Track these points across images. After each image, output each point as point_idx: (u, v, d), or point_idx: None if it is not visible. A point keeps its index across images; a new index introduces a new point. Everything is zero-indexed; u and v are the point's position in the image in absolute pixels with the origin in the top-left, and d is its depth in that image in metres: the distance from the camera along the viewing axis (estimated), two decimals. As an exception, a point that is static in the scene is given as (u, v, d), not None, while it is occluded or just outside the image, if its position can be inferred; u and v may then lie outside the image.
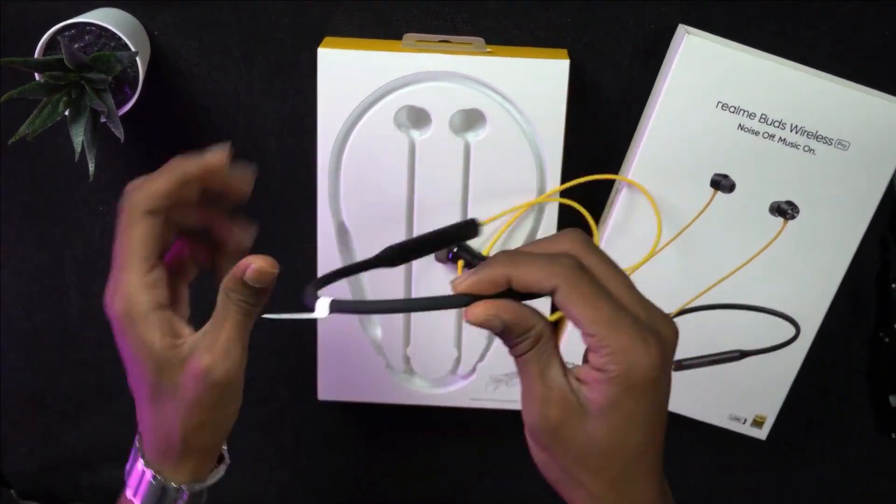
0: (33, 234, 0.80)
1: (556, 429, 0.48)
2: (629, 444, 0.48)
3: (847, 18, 0.73)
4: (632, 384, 0.46)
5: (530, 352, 0.48)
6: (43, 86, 0.64)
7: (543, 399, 0.48)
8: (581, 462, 0.49)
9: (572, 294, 0.46)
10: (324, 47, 0.71)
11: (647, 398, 0.47)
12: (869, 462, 0.86)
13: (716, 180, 0.72)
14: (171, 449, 0.58)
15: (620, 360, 0.46)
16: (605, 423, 0.47)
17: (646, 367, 0.46)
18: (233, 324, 0.55)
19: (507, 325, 0.47)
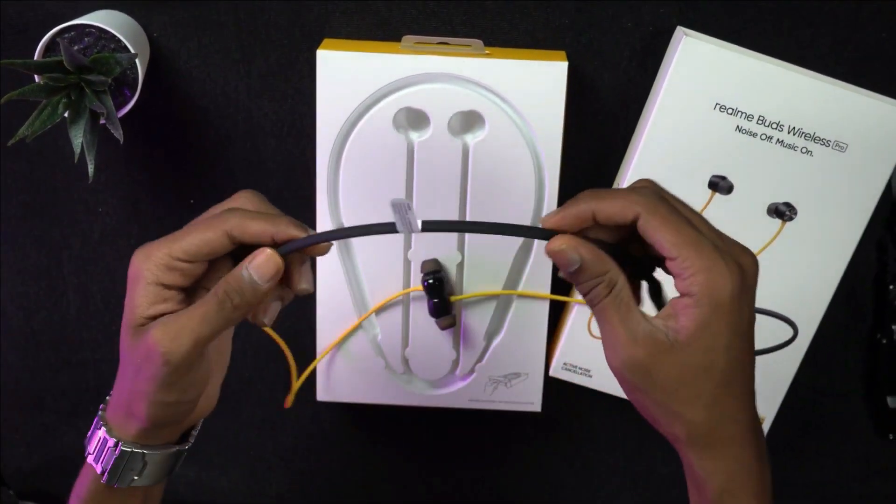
0: (32, 235, 0.80)
1: (647, 367, 0.50)
2: (719, 365, 0.50)
3: (844, 20, 0.73)
4: (717, 303, 0.49)
5: (607, 298, 0.51)
6: (42, 87, 0.64)
7: (629, 343, 0.50)
8: (675, 394, 0.51)
9: (654, 218, 0.49)
10: (323, 49, 0.71)
11: (733, 318, 0.49)
12: (866, 463, 0.86)
13: (714, 182, 0.73)
14: (119, 402, 0.57)
15: (704, 279, 0.49)
16: (696, 347, 0.49)
17: (729, 286, 0.49)
18: (203, 315, 0.54)
19: (585, 261, 0.51)
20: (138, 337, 0.54)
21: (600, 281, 0.51)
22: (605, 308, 0.51)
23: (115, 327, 0.82)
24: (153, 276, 0.54)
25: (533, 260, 0.76)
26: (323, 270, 0.76)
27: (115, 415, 0.58)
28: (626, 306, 0.51)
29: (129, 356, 0.55)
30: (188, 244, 0.54)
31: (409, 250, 0.75)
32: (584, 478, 0.88)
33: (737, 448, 0.52)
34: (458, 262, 0.76)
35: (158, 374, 0.54)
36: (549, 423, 0.85)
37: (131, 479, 0.58)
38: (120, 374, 0.57)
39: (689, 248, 0.49)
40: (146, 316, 0.54)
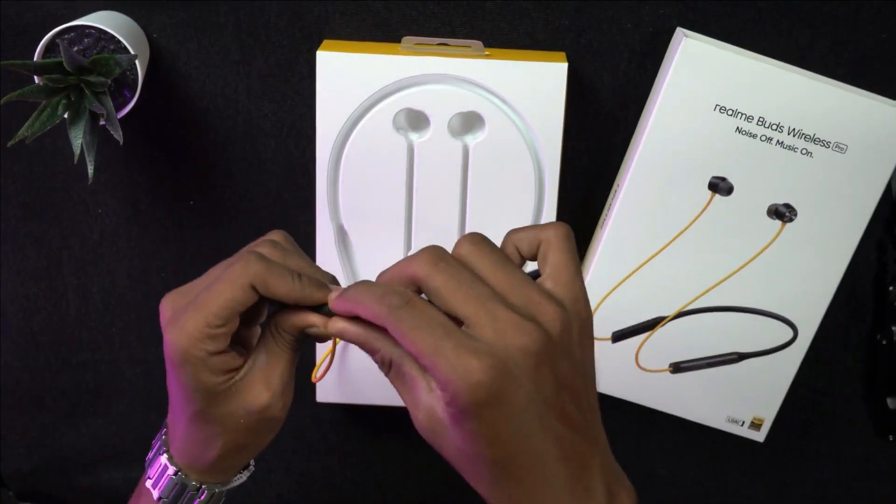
0: (32, 236, 0.80)
1: (432, 439, 0.49)
2: (492, 456, 0.47)
3: (844, 21, 0.73)
4: (462, 408, 0.45)
5: (390, 373, 0.50)
6: (42, 88, 0.64)
7: (415, 415, 0.50)
8: (462, 470, 0.50)
9: (396, 333, 0.46)
10: (322, 50, 0.71)
11: (486, 416, 0.45)
12: (866, 464, 0.86)
13: (713, 183, 0.73)
14: (206, 458, 0.58)
15: (445, 387, 0.45)
16: (460, 436, 0.47)
17: (468, 390, 0.44)
18: (287, 362, 0.55)
19: (358, 341, 0.51)
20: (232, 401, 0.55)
21: (378, 358, 0.50)
22: (394, 381, 0.51)
23: (114, 328, 0.83)
24: (205, 353, 0.53)
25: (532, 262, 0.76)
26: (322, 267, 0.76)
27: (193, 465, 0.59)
28: (405, 381, 0.49)
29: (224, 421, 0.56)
30: (220, 309, 0.52)
31: (408, 251, 0.75)
32: (584, 479, 0.88)
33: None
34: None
35: (269, 426, 0.58)
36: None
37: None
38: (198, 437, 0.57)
39: (430, 357, 0.45)
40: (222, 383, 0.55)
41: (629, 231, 0.74)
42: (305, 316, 0.54)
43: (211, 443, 0.57)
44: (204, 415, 0.56)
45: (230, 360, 0.54)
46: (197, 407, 0.55)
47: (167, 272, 0.81)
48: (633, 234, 0.75)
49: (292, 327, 0.54)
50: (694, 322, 0.76)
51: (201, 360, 0.53)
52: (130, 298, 0.82)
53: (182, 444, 0.58)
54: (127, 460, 0.88)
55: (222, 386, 0.55)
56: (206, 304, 0.52)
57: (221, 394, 0.55)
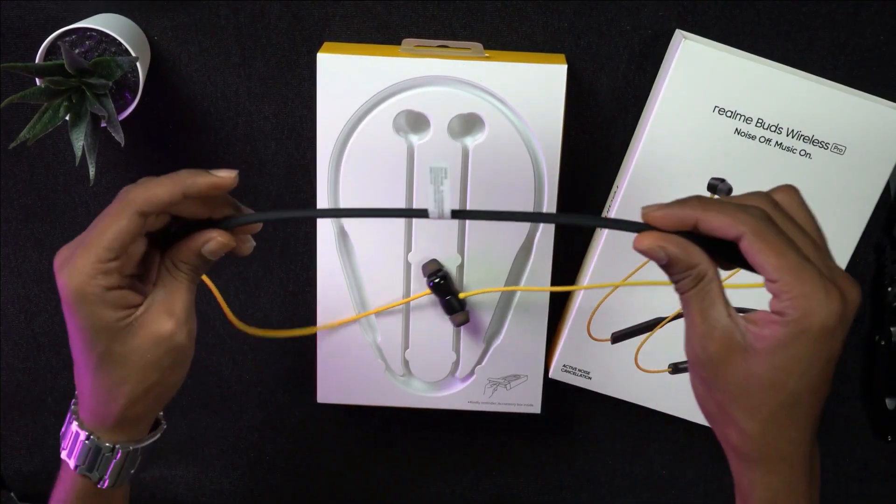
0: (34, 238, 0.81)
1: (717, 363, 0.50)
2: (787, 387, 0.50)
3: (842, 23, 0.73)
4: (805, 329, 0.48)
5: (693, 290, 0.51)
6: (44, 91, 0.64)
7: (705, 335, 0.50)
8: (737, 398, 0.51)
9: (758, 241, 0.49)
10: (323, 52, 0.71)
11: (817, 346, 0.49)
12: (865, 465, 0.87)
13: (712, 184, 0.73)
14: (111, 412, 0.58)
15: (800, 304, 0.48)
16: (769, 362, 0.49)
17: (823, 315, 0.48)
18: (187, 290, 0.56)
19: (672, 257, 0.51)
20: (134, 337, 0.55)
21: (689, 274, 0.51)
22: (689, 299, 0.51)
23: (115, 329, 0.83)
24: (99, 288, 0.54)
25: (532, 261, 0.76)
26: (323, 272, 0.76)
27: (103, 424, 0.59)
28: (710, 300, 0.51)
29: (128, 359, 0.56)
30: (108, 241, 0.53)
31: (409, 252, 0.76)
32: (584, 480, 0.89)
33: (786, 469, 0.52)
34: (458, 264, 0.76)
35: (177, 358, 0.57)
36: (548, 424, 0.85)
37: (129, 475, 0.60)
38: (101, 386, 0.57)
39: (790, 273, 0.48)
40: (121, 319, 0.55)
41: (629, 232, 0.74)
42: (199, 235, 0.55)
43: (118, 389, 0.56)
44: (108, 357, 0.55)
45: (127, 296, 0.55)
46: (100, 349, 0.55)
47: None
48: (632, 234, 0.74)
49: (188, 253, 0.55)
50: (693, 323, 0.76)
51: (97, 297, 0.54)
52: (131, 300, 0.82)
53: (90, 401, 0.58)
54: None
55: (122, 322, 0.55)
56: (96, 241, 0.53)
57: (122, 330, 0.55)
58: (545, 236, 0.75)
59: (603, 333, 0.78)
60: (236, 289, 0.82)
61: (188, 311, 0.57)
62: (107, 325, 0.55)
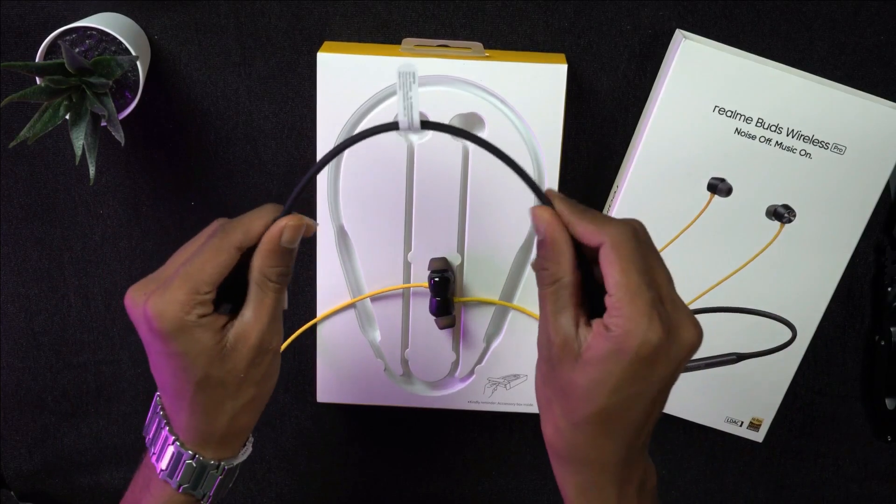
0: (34, 237, 0.81)
1: (553, 363, 0.53)
2: (599, 401, 0.52)
3: (842, 23, 0.73)
4: (622, 349, 0.50)
5: (549, 288, 0.53)
6: (44, 90, 0.64)
7: (551, 335, 0.53)
8: (559, 398, 0.54)
9: (612, 253, 0.51)
10: (323, 52, 0.71)
11: (632, 368, 0.51)
12: (865, 465, 0.87)
13: (713, 184, 0.73)
14: (214, 431, 0.60)
15: (623, 324, 0.50)
16: (588, 373, 0.52)
17: (640, 340, 0.50)
18: (273, 298, 0.58)
19: (547, 239, 0.53)
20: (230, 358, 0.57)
21: (548, 268, 0.53)
22: (544, 297, 0.54)
23: (115, 329, 0.83)
24: (195, 316, 0.56)
25: (533, 259, 0.76)
26: (323, 271, 0.76)
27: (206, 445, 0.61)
28: (562, 304, 0.53)
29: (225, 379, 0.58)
30: (209, 276, 0.56)
31: (409, 252, 0.76)
32: (584, 479, 0.88)
33: (594, 473, 0.55)
34: (457, 263, 0.76)
35: (266, 368, 0.59)
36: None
37: (226, 491, 0.63)
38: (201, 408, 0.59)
39: (626, 292, 0.50)
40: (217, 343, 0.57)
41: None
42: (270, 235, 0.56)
43: (219, 408, 0.59)
44: (206, 381, 0.57)
45: (218, 319, 0.57)
46: (199, 374, 0.57)
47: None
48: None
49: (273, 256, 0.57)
50: (693, 323, 0.76)
51: (196, 325, 0.55)
52: (131, 299, 0.82)
53: (189, 422, 0.60)
54: (128, 460, 0.88)
55: (219, 345, 0.56)
56: (194, 274, 0.55)
57: (219, 353, 0.57)
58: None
59: (603, 333, 0.78)
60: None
61: (275, 321, 0.58)
62: (205, 351, 0.56)
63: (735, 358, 0.78)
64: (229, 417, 0.59)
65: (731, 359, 0.78)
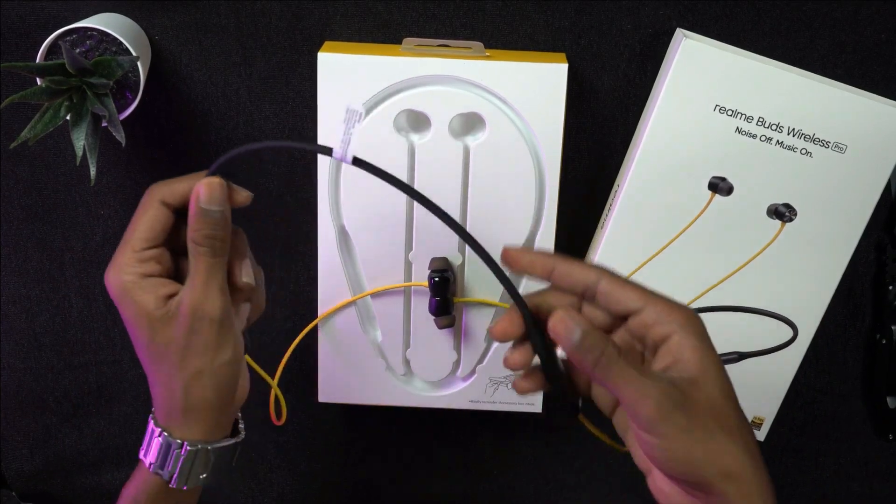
0: (34, 238, 0.81)
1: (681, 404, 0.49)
2: (728, 390, 0.52)
3: (843, 22, 0.73)
4: (700, 333, 0.51)
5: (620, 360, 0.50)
6: (44, 90, 0.64)
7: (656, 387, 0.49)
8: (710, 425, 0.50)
9: (617, 279, 0.53)
10: (324, 52, 0.71)
11: (713, 347, 0.52)
12: (866, 464, 0.87)
13: (713, 183, 0.73)
14: (174, 405, 0.60)
15: (681, 316, 0.51)
16: (708, 377, 0.51)
17: (699, 321, 0.52)
18: (206, 263, 0.58)
19: (585, 331, 0.50)
20: (171, 324, 0.58)
21: (608, 345, 0.50)
22: (622, 369, 0.50)
23: (116, 329, 0.83)
24: (135, 276, 0.58)
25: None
26: (324, 272, 0.76)
27: (172, 419, 0.61)
28: (634, 360, 0.53)
29: (171, 348, 0.58)
30: (140, 232, 0.58)
31: (409, 252, 0.76)
32: (585, 479, 0.89)
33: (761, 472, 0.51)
34: (458, 263, 0.76)
35: (209, 337, 0.58)
36: (549, 424, 0.85)
37: (199, 479, 0.61)
38: (160, 380, 0.60)
39: (651, 299, 0.52)
40: (159, 307, 0.58)
41: (629, 231, 0.75)
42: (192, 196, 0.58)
43: (172, 380, 0.59)
44: (154, 348, 0.58)
45: (164, 283, 0.58)
46: (145, 339, 0.58)
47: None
48: (633, 234, 0.75)
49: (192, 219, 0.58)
50: (694, 322, 0.76)
51: (136, 285, 0.58)
52: (132, 299, 0.82)
53: (157, 399, 0.61)
54: (129, 461, 0.88)
55: (160, 310, 0.58)
56: (129, 235, 0.59)
57: (161, 319, 0.58)
58: (546, 236, 0.75)
59: (604, 332, 0.78)
60: (237, 288, 0.82)
61: (206, 284, 0.58)
62: (147, 314, 0.58)
63: (736, 357, 0.78)
64: (182, 388, 0.59)
65: (732, 358, 0.78)
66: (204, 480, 0.61)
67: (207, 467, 0.61)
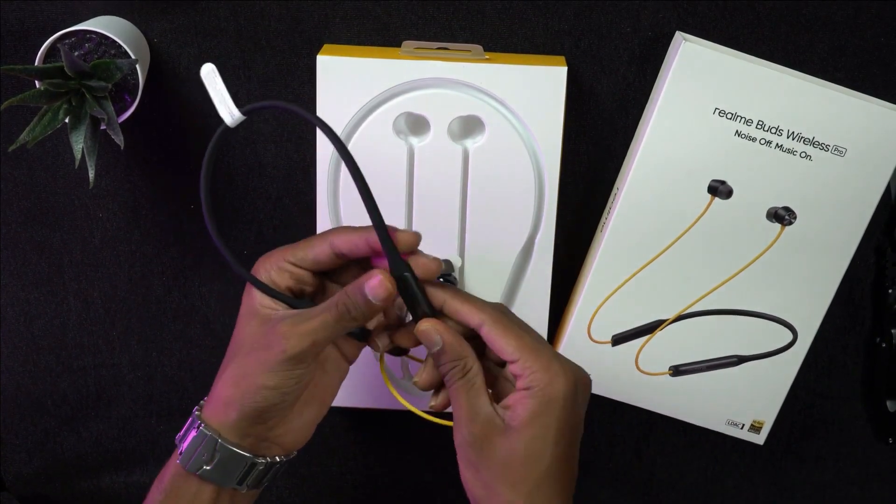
0: (33, 241, 0.80)
1: (481, 444, 0.56)
2: (545, 457, 0.55)
3: (843, 25, 0.73)
4: (551, 397, 0.55)
5: (461, 380, 0.57)
6: (43, 93, 0.64)
7: (469, 420, 0.57)
8: (502, 475, 0.56)
9: (497, 327, 0.56)
10: (323, 54, 0.71)
11: (563, 414, 0.55)
12: (866, 467, 0.87)
13: (713, 186, 0.73)
14: (219, 390, 0.61)
15: (542, 376, 0.55)
16: (525, 435, 0.55)
17: (563, 383, 0.55)
18: (323, 319, 0.58)
19: (447, 345, 0.57)
20: (262, 325, 0.59)
21: (456, 364, 0.57)
22: (457, 388, 0.58)
23: (115, 332, 0.83)
24: (266, 274, 0.61)
25: (533, 263, 0.76)
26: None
27: (210, 403, 0.62)
28: (475, 390, 0.57)
29: (249, 339, 0.60)
30: (300, 251, 0.61)
31: (409, 255, 0.75)
32: (583, 482, 0.88)
33: None
34: (458, 265, 0.76)
35: (271, 360, 0.58)
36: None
37: (201, 466, 0.61)
38: (226, 367, 0.61)
39: (529, 351, 0.56)
40: (265, 306, 0.60)
41: (629, 234, 0.75)
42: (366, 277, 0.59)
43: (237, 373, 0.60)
44: (242, 341, 0.60)
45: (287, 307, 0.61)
46: (240, 326, 0.61)
47: (168, 276, 0.81)
48: (632, 237, 0.75)
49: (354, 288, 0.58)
50: (693, 325, 0.76)
51: (266, 281, 0.60)
52: (131, 303, 0.82)
53: (216, 388, 0.61)
54: (128, 464, 0.88)
55: (265, 308, 0.60)
56: (293, 246, 0.61)
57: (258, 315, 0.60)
58: (545, 239, 0.75)
59: (603, 336, 0.78)
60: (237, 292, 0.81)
61: (309, 333, 0.58)
62: (252, 306, 0.61)
63: (736, 360, 0.77)
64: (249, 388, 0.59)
65: (731, 361, 0.77)
66: (205, 472, 0.61)
67: (212, 460, 0.61)
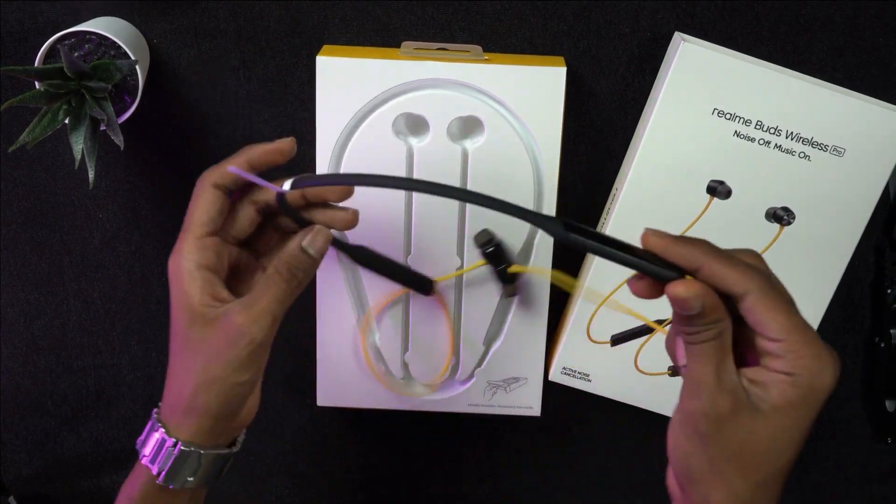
0: (33, 241, 0.81)
1: (723, 420, 0.49)
2: (787, 452, 0.50)
3: (842, 25, 0.73)
4: (815, 391, 0.49)
5: (712, 342, 0.49)
6: (43, 94, 0.64)
7: (715, 389, 0.49)
8: (735, 457, 0.50)
9: (765, 299, 0.48)
10: (322, 55, 0.71)
11: (816, 411, 0.49)
12: (865, 467, 0.87)
13: (712, 186, 0.73)
14: (180, 401, 0.60)
15: (811, 365, 0.48)
16: (774, 423, 0.49)
17: (830, 379, 0.49)
18: (275, 292, 0.58)
19: (705, 308, 0.48)
20: (210, 326, 0.57)
21: (712, 327, 0.49)
22: (704, 350, 0.49)
23: (115, 333, 0.83)
24: (193, 264, 0.58)
25: (532, 264, 0.76)
26: (323, 272, 0.76)
27: (173, 415, 0.60)
28: (724, 353, 0.50)
29: (199, 347, 0.58)
30: (198, 217, 0.59)
31: (408, 255, 0.76)
32: (584, 483, 0.89)
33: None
34: (457, 266, 0.76)
35: (241, 355, 0.57)
36: (548, 427, 0.85)
37: (185, 480, 0.61)
38: (177, 371, 0.60)
39: (798, 333, 0.48)
40: (204, 304, 0.58)
41: (628, 234, 0.74)
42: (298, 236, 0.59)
43: (187, 375, 0.59)
44: (185, 340, 0.58)
45: (218, 286, 0.59)
46: (181, 330, 0.58)
47: (167, 277, 0.81)
48: (631, 237, 0.75)
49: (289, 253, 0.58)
50: (693, 325, 0.76)
51: (191, 274, 0.58)
52: (131, 303, 0.82)
53: (168, 388, 0.60)
54: (128, 465, 0.87)
55: (204, 308, 0.58)
56: (187, 221, 0.59)
57: (202, 316, 0.58)
58: (545, 240, 0.75)
59: (603, 336, 0.78)
60: (236, 292, 0.82)
61: (264, 312, 0.58)
62: (190, 306, 0.58)
63: (735, 360, 0.77)
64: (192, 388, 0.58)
65: (731, 361, 0.77)
66: (190, 484, 0.61)
67: (196, 472, 0.61)
